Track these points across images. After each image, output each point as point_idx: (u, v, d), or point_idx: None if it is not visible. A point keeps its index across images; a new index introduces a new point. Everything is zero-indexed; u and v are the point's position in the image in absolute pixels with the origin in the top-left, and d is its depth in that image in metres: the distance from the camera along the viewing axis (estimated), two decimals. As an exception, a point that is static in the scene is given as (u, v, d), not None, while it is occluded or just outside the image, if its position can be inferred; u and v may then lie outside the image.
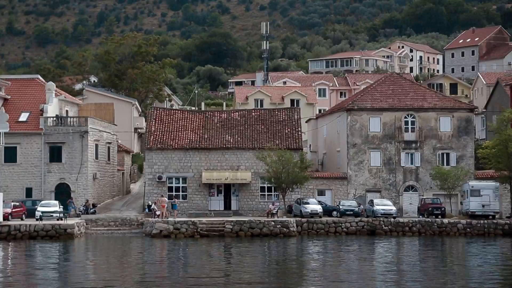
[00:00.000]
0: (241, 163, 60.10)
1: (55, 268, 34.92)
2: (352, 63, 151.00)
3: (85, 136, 61.03)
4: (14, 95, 64.07)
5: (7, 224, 49.92)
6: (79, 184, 60.97)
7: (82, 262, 37.72)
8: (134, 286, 28.76)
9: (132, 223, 56.04)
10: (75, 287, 28.58)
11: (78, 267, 35.25)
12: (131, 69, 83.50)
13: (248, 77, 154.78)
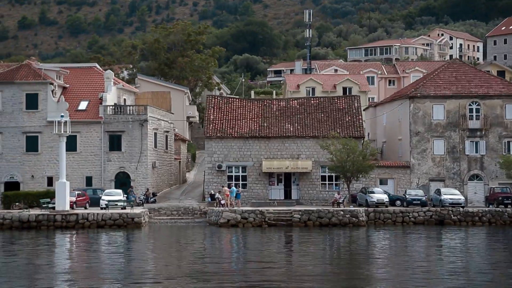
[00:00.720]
0: (302, 152, 59.22)
1: (141, 257, 34.31)
2: (391, 51, 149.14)
3: (144, 125, 60.54)
4: (73, 83, 63.74)
5: (75, 213, 49.63)
6: (139, 173, 60.53)
7: (164, 251, 37.21)
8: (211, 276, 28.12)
9: (194, 212, 55.50)
10: (168, 276, 28.00)
11: (163, 257, 34.76)
12: (180, 58, 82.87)
13: (286, 66, 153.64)
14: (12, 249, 37.98)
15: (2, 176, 61.04)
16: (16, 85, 61.11)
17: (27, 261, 32.64)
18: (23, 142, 61.08)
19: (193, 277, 27.28)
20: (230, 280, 26.61)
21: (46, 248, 38.81)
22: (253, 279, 26.72)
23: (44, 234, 45.38)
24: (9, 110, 61.26)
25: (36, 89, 61.16)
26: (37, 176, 60.93)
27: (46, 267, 30.81)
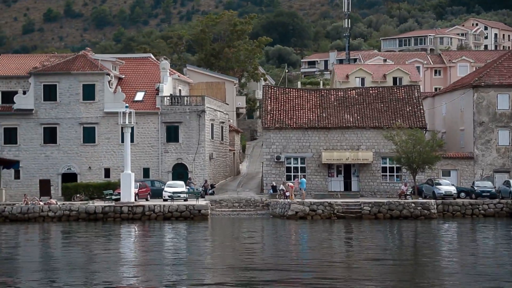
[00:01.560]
0: (362, 143, 58.08)
1: (228, 248, 33.53)
2: (426, 42, 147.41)
3: (202, 116, 59.71)
4: (128, 74, 63.06)
5: (141, 205, 48.96)
6: (196, 164, 59.75)
7: (257, 243, 36.02)
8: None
9: (256, 204, 54.65)
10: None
11: (263, 248, 33.66)
12: (227, 48, 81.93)
13: (320, 57, 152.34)
14: (99, 241, 37.32)
15: (60, 168, 60.57)
16: (73, 76, 60.51)
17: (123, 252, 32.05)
18: (80, 133, 60.56)
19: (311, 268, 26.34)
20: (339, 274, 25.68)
21: (145, 241, 37.92)
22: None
23: (118, 225, 44.59)
24: (66, 101, 60.72)
25: (93, 79, 60.50)
26: (94, 167, 60.34)
27: (164, 259, 29.96)
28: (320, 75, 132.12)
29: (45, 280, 23.87)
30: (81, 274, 25.04)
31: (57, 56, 65.68)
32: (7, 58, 64.87)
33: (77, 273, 25.32)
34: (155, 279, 23.93)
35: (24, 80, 61.64)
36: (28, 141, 60.69)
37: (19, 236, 40.33)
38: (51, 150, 60.60)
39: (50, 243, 37.20)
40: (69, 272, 25.45)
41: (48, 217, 48.41)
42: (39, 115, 60.54)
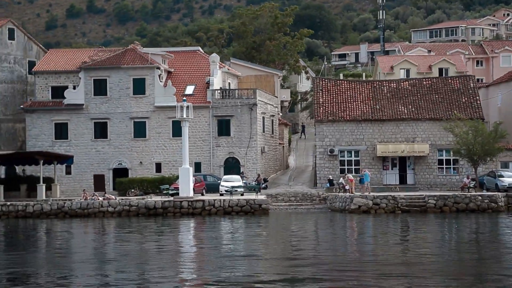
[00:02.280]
0: (417, 135, 56.91)
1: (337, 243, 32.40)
2: (457, 33, 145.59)
3: (253, 109, 58.79)
4: (177, 68, 62.29)
5: (200, 200, 48.19)
6: (248, 158, 58.87)
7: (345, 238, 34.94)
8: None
9: (313, 198, 53.76)
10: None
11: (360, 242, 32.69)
12: (268, 41, 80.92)
13: (351, 50, 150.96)
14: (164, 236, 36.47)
15: (111, 163, 59.96)
16: (123, 70, 59.82)
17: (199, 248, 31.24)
18: (130, 128, 59.90)
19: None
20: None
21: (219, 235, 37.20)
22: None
23: (180, 220, 43.50)
24: (116, 96, 60.08)
25: (143, 73, 59.76)
26: (145, 162, 59.69)
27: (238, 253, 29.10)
28: (354, 67, 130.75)
29: (111, 275, 23.36)
30: (153, 268, 24.25)
31: (104, 50, 65.00)
32: (56, 53, 64.30)
33: (150, 266, 24.57)
34: (236, 273, 23.04)
35: (73, 74, 61.05)
36: (79, 136, 60.15)
37: (83, 231, 39.72)
38: (102, 145, 60.02)
39: (118, 238, 36.47)
40: (139, 267, 24.70)
41: (108, 212, 47.75)
42: (89, 109, 59.97)
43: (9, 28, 64.05)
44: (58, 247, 31.80)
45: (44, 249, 31.40)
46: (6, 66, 63.52)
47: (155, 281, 21.67)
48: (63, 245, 32.49)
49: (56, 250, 30.84)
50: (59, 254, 28.92)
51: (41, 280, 22.30)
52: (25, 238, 35.70)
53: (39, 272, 23.89)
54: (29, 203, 48.62)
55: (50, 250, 31.10)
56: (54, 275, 23.09)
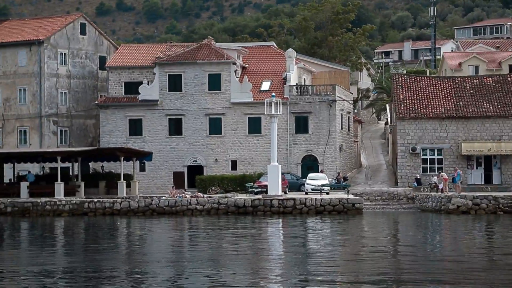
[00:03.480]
0: (504, 133, 54.98)
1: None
2: (502, 30, 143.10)
3: (332, 105, 57.11)
4: (252, 63, 60.78)
5: (291, 198, 46.57)
6: (327, 156, 57.27)
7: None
8: None
9: (399, 197, 52.09)
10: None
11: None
12: (331, 37, 79.29)
13: (394, 47, 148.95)
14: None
15: (185, 160, 58.64)
16: (198, 65, 58.37)
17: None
18: (206, 125, 58.41)
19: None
20: None
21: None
22: None
23: (276, 219, 41.63)
24: (192, 92, 58.67)
25: (219, 69, 58.31)
26: (220, 159, 58.31)
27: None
28: (402, 65, 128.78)
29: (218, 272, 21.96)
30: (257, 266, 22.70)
31: (177, 45, 63.56)
32: (128, 48, 63.02)
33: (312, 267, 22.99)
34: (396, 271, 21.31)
35: (146, 70, 59.74)
36: (153, 132, 58.82)
37: (172, 228, 38.23)
38: (176, 142, 58.65)
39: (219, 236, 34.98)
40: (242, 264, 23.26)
41: (197, 210, 46.37)
42: (164, 106, 58.60)
43: (81, 23, 62.85)
44: (177, 247, 30.24)
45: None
46: (78, 61, 62.37)
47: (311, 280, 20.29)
48: (182, 246, 30.92)
49: (187, 251, 29.19)
50: (192, 256, 27.18)
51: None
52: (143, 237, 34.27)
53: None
54: (116, 200, 47.40)
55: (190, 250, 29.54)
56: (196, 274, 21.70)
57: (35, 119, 60.49)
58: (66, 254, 27.48)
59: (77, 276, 21.56)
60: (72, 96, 62.09)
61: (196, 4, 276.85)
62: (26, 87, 60.67)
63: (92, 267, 23.16)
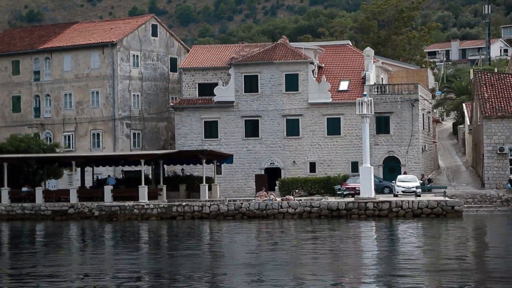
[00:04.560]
0: None
1: None
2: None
3: (415, 105, 55.36)
4: (328, 63, 59.25)
5: (387, 201, 45.08)
6: (410, 157, 55.47)
7: None
8: None
9: (492, 199, 50.18)
10: None
11: None
12: (395, 36, 77.65)
13: (440, 47, 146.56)
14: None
15: (262, 162, 57.17)
16: (275, 65, 56.84)
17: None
18: (283, 126, 56.80)
19: None
20: None
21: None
22: None
23: (375, 223, 39.63)
24: (268, 92, 57.13)
25: (296, 69, 56.74)
26: (298, 161, 56.78)
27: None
28: (453, 64, 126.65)
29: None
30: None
31: (250, 45, 62.30)
32: (200, 49, 61.71)
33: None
34: None
35: (220, 71, 58.46)
36: (229, 134, 57.46)
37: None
38: (253, 144, 57.19)
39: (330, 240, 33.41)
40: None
41: (288, 213, 44.96)
42: (240, 107, 57.24)
43: (152, 24, 61.77)
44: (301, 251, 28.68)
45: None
46: (149, 63, 61.22)
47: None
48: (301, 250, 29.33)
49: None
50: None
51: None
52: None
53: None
54: (205, 203, 46.12)
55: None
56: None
57: (108, 122, 59.51)
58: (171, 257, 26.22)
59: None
60: (144, 98, 60.91)
61: (229, 7, 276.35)
62: (99, 90, 59.73)
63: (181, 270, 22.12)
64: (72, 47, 60.30)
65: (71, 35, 62.12)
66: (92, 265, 24.90)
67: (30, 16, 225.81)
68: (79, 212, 47.78)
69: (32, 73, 61.56)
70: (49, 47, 61.12)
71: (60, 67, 60.61)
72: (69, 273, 22.69)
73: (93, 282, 20.87)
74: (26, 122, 61.44)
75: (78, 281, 21.17)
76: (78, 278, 21.74)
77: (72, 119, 60.27)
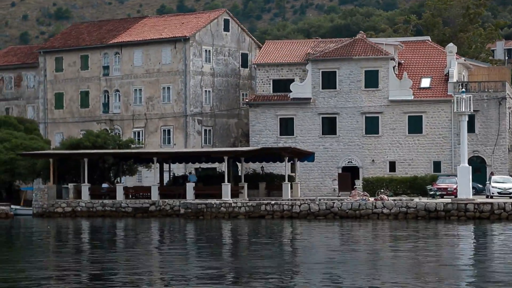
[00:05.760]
0: None
1: None
2: None
3: (502, 103, 53.33)
4: (407, 59, 57.37)
5: (489, 202, 43.22)
6: (496, 157, 53.44)
7: None
8: None
9: None
10: None
11: None
12: (462, 33, 75.62)
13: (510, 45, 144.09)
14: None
15: (340, 161, 55.40)
16: (354, 61, 54.86)
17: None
18: (362, 124, 54.77)
19: None
20: None
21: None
22: None
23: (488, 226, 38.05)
24: (346, 89, 55.26)
25: (376, 65, 54.74)
26: (377, 160, 55.02)
27: None
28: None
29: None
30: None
31: (325, 41, 60.58)
32: (273, 44, 59.81)
33: None
34: None
35: (296, 67, 56.73)
36: (305, 132, 55.62)
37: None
38: (330, 142, 55.30)
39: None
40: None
41: (383, 214, 43.20)
42: (317, 104, 55.30)
43: (224, 19, 60.30)
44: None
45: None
46: (221, 58, 59.59)
47: None
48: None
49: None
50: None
51: None
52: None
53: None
54: (295, 202, 44.50)
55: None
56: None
57: (179, 119, 57.86)
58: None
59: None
60: (215, 94, 59.12)
61: (257, 6, 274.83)
62: (170, 86, 58.16)
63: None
64: (143, 41, 58.75)
65: (141, 30, 60.61)
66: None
67: (59, 14, 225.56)
68: (161, 210, 46.44)
69: (101, 68, 60.17)
70: (119, 42, 59.52)
71: (130, 62, 59.15)
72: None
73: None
74: (94, 118, 60.04)
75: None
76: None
77: (142, 115, 58.83)
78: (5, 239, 34.41)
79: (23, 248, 29.48)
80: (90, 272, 21.04)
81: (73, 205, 46.81)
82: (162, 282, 19.27)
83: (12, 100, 63.64)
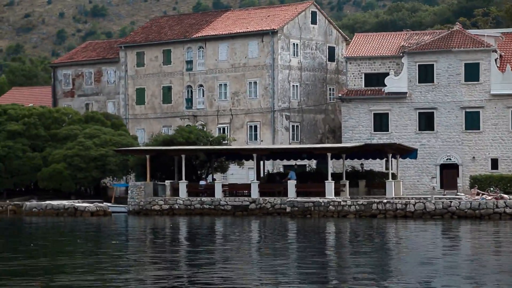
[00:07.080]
0: None
1: None
2: None
3: None
4: (507, 51, 54.74)
5: None
6: None
7: None
8: None
9: None
10: None
11: None
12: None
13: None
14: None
15: (438, 157, 52.84)
16: (453, 54, 52.04)
17: None
18: (461, 119, 51.80)
19: None
20: None
21: None
22: None
23: None
24: (445, 83, 52.62)
25: (477, 58, 51.96)
26: (478, 157, 52.50)
27: None
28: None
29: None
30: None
31: (418, 33, 58.14)
32: (363, 37, 57.00)
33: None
34: None
35: (389, 60, 54.26)
36: (401, 128, 53.04)
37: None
38: (427, 138, 52.69)
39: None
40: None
41: (506, 214, 40.71)
42: (413, 98, 52.54)
43: (311, 11, 57.97)
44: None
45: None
46: (308, 52, 57.17)
47: None
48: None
49: None
50: None
51: None
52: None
53: None
54: (409, 201, 42.28)
55: None
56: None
57: (266, 114, 55.69)
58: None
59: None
60: (303, 89, 56.54)
61: (294, 1, 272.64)
62: (257, 80, 55.94)
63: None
64: (228, 35, 56.69)
65: (225, 23, 58.49)
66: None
67: (95, 11, 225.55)
68: (261, 208, 44.39)
69: (184, 63, 58.13)
70: (203, 36, 57.53)
71: (215, 57, 57.06)
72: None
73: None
74: (177, 113, 58.06)
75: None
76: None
77: (227, 111, 56.74)
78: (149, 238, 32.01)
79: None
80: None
81: (171, 202, 44.80)
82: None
83: (92, 95, 61.99)
